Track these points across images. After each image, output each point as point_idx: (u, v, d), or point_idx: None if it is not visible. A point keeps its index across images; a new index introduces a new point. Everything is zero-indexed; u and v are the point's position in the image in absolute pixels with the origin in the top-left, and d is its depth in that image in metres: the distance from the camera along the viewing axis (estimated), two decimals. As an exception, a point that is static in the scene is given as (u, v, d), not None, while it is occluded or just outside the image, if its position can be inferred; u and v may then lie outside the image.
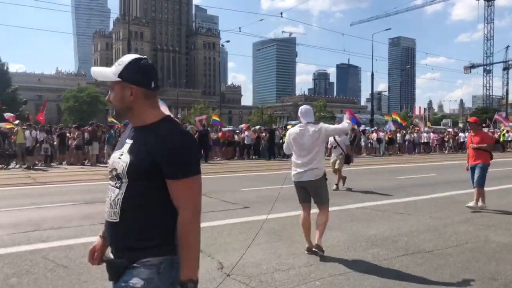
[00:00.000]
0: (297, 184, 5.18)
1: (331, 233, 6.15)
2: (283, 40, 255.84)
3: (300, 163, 5.08)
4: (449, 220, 7.18)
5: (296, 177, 5.13)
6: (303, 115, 5.28)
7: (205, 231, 6.12)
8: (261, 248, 5.35)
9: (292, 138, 5.20)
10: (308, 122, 5.22)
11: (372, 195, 9.84)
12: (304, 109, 5.38)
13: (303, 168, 5.05)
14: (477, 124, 8.57)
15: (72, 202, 8.60)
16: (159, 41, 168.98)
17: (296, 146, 5.14)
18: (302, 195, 5.23)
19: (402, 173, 14.94)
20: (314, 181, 5.08)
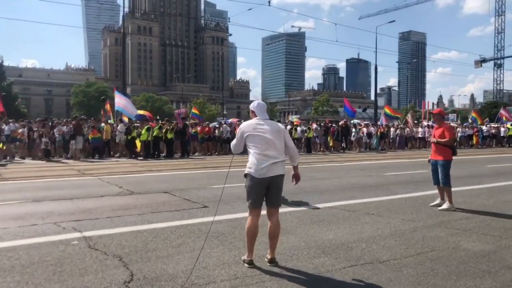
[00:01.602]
0: (260, 181, 4.34)
1: (281, 238, 5.45)
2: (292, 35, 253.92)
3: (267, 154, 4.35)
4: (421, 223, 6.47)
5: (262, 171, 4.32)
6: (261, 110, 4.64)
7: (143, 234, 5.54)
8: (190, 255, 4.71)
9: (252, 132, 4.43)
10: (266, 118, 4.59)
11: (347, 193, 9.16)
12: (262, 104, 4.76)
13: (272, 160, 4.34)
14: (440, 116, 7.85)
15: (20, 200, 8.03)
16: (167, 36, 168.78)
17: (260, 139, 4.39)
18: (260, 196, 4.43)
19: (391, 170, 14.19)
20: (282, 176, 4.45)
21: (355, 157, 19.88)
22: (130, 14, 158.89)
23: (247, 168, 4.43)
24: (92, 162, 16.18)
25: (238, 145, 4.60)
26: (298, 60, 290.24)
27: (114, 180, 10.68)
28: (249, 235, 4.41)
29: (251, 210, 4.45)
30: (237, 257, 4.70)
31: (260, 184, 4.37)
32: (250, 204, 4.44)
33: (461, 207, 7.63)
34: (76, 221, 6.26)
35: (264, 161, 4.34)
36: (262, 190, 4.40)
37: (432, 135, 7.94)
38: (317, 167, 15.22)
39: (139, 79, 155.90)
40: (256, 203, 4.43)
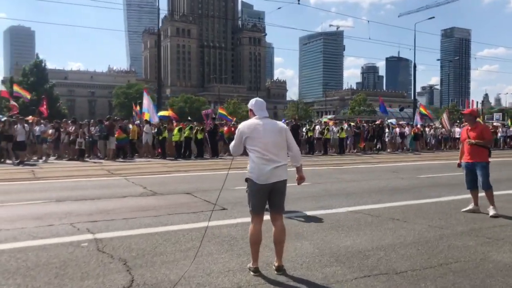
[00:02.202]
0: (262, 187, 4.10)
1: (295, 244, 5.28)
2: (330, 34, 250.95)
3: (269, 158, 4.09)
4: (449, 231, 6.05)
5: (264, 177, 4.07)
6: (260, 108, 4.33)
7: (154, 237, 5.45)
8: (196, 261, 4.56)
9: (252, 130, 4.16)
10: (266, 117, 4.32)
11: (374, 197, 8.76)
12: (260, 101, 4.41)
13: (274, 165, 4.09)
14: (473, 117, 7.32)
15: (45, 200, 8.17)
16: (205, 37, 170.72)
17: (260, 142, 4.13)
18: (262, 202, 4.20)
19: (425, 172, 13.55)
20: (285, 181, 4.22)
21: (389, 158, 19.24)
22: (169, 17, 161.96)
23: (248, 173, 4.19)
24: (123, 162, 16.45)
25: (237, 147, 4.34)
26: (336, 59, 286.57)
27: (140, 181, 10.74)
28: (253, 241, 4.19)
29: (253, 216, 4.22)
30: (244, 263, 4.50)
31: (262, 190, 4.13)
32: (252, 210, 4.22)
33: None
34: (92, 222, 6.26)
35: (266, 166, 4.09)
36: (264, 196, 4.18)
37: (463, 136, 7.44)
38: (348, 168, 14.79)
39: (178, 80, 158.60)
40: (258, 209, 4.20)
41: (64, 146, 16.72)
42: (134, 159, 17.51)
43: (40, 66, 51.76)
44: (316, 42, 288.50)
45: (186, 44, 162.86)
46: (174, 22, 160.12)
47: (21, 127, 15.03)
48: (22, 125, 15.18)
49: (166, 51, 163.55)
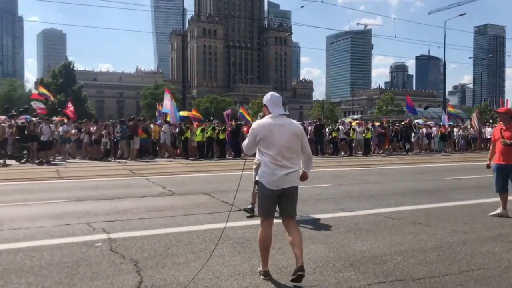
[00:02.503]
0: (272, 192, 3.91)
1: (309, 247, 5.14)
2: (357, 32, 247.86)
3: (282, 164, 3.89)
4: (473, 236, 5.79)
5: (275, 183, 3.89)
6: (274, 104, 4.04)
7: (168, 238, 5.42)
8: (207, 263, 4.49)
9: (266, 132, 3.91)
10: (282, 114, 4.03)
11: (397, 199, 8.52)
12: (276, 96, 4.11)
13: (286, 170, 3.90)
14: (508, 116, 6.95)
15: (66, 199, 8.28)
16: (231, 38, 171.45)
17: (274, 145, 3.88)
18: (272, 206, 4.04)
19: (453, 173, 13.13)
20: (296, 187, 4.04)
21: (415, 160, 18.76)
22: (196, 18, 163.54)
23: (259, 176, 4.01)
24: (146, 162, 16.61)
25: (250, 148, 4.11)
26: (364, 58, 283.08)
27: (161, 181, 10.79)
28: (262, 245, 4.05)
29: (262, 220, 4.07)
30: (255, 267, 4.41)
31: (272, 195, 3.96)
32: (262, 214, 4.07)
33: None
34: (108, 222, 6.29)
35: (278, 171, 3.88)
36: (274, 201, 4.01)
37: (496, 136, 7.06)
38: (372, 170, 14.48)
39: (204, 81, 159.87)
40: (268, 213, 4.04)
41: (85, 146, 16.97)
42: (157, 159, 17.65)
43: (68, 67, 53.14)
44: (343, 41, 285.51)
45: (212, 44, 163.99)
46: (201, 23, 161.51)
47: (46, 127, 15.38)
48: (47, 126, 15.54)
49: (192, 52, 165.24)
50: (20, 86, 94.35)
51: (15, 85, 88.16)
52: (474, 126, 23.34)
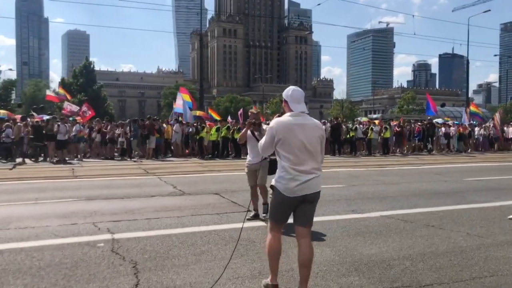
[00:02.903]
0: (290, 199, 3.48)
1: (315, 250, 4.96)
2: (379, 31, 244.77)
3: (303, 170, 3.45)
4: (489, 240, 5.53)
5: (293, 190, 3.44)
6: (296, 100, 3.57)
7: (171, 239, 5.35)
8: (207, 266, 4.39)
9: (286, 132, 3.47)
10: (303, 111, 3.58)
11: (412, 201, 8.26)
12: (298, 92, 3.63)
13: (308, 177, 3.46)
14: None
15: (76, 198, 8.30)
16: (251, 37, 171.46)
17: (295, 148, 3.46)
18: (287, 214, 3.62)
19: (473, 174, 12.73)
20: (318, 193, 3.58)
21: (435, 160, 18.27)
22: (216, 17, 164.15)
23: (275, 180, 3.57)
24: (162, 161, 16.65)
25: (268, 149, 3.64)
26: (385, 57, 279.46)
27: (172, 180, 10.76)
28: (271, 254, 3.63)
29: (272, 225, 3.65)
30: (256, 270, 4.29)
31: (289, 203, 3.53)
32: (274, 221, 3.64)
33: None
34: (114, 222, 6.26)
35: (298, 177, 3.44)
36: (290, 208, 3.58)
37: None
38: (389, 170, 14.15)
39: (224, 80, 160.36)
40: (281, 220, 3.64)
41: (95, 145, 17.05)
42: (172, 159, 17.64)
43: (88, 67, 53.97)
44: (364, 39, 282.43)
45: (233, 44, 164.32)
46: (221, 22, 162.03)
47: (63, 126, 15.57)
48: (64, 125, 15.73)
49: (212, 52, 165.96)
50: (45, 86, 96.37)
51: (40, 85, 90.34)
52: (496, 126, 22.57)
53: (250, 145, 6.54)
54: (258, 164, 6.12)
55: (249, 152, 6.67)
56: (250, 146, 6.58)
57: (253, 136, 6.28)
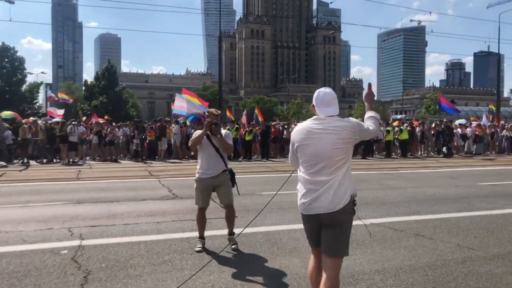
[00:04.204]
0: (306, 217, 3.08)
1: (282, 261, 4.76)
2: (410, 30, 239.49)
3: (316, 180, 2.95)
4: (480, 253, 5.09)
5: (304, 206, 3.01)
6: (323, 103, 3.05)
7: (139, 246, 5.20)
8: (159, 277, 4.19)
9: (302, 138, 3.01)
10: (330, 115, 3.01)
11: (413, 207, 7.83)
12: (324, 93, 3.09)
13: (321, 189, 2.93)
14: None
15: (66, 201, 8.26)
16: (279, 38, 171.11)
17: (310, 154, 2.97)
18: (314, 235, 3.11)
19: (490, 178, 12.02)
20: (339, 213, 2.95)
21: (454, 163, 17.44)
22: (244, 19, 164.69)
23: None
24: (173, 163, 16.59)
25: (292, 160, 3.21)
26: (417, 56, 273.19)
27: (171, 183, 10.63)
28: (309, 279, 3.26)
29: (312, 250, 3.24)
30: (209, 283, 4.05)
31: (309, 222, 3.06)
32: (312, 243, 3.20)
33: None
34: (91, 227, 6.14)
35: (309, 189, 2.96)
36: (314, 229, 3.06)
37: None
38: (401, 173, 13.60)
39: (252, 81, 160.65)
40: (311, 244, 3.19)
41: (93, 147, 17.06)
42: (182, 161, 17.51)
43: (111, 70, 54.90)
44: (395, 38, 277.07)
45: (260, 45, 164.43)
46: (249, 23, 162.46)
47: (75, 128, 15.76)
48: (75, 127, 15.91)
49: (240, 53, 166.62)
50: (77, 89, 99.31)
51: (72, 88, 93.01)
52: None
53: (204, 153, 5.13)
54: (216, 179, 5.09)
55: (200, 161, 5.18)
56: (203, 154, 5.15)
57: (208, 142, 5.06)
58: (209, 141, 5.08)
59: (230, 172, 5.28)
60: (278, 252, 5.10)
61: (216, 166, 5.11)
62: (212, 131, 5.01)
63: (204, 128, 5.06)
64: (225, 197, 5.22)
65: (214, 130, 5.00)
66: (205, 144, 5.09)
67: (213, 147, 5.07)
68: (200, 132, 5.11)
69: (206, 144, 5.09)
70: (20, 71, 52.25)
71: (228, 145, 5.15)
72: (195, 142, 5.08)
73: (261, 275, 4.30)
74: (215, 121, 5.03)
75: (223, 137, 5.06)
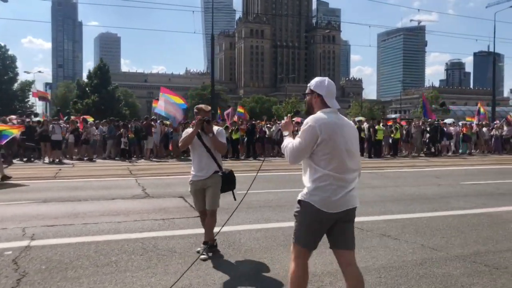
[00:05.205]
0: (329, 216, 2.87)
1: (225, 265, 4.52)
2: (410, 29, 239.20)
3: (346, 178, 2.88)
4: (442, 253, 4.91)
5: (335, 204, 2.84)
6: (332, 95, 2.98)
7: (89, 247, 5.02)
8: (96, 280, 3.99)
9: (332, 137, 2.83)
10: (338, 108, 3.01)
11: (387, 206, 7.67)
12: (333, 85, 3.02)
13: (351, 186, 2.91)
14: None
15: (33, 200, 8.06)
16: (278, 37, 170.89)
17: (339, 151, 2.85)
18: (321, 236, 3.02)
19: (474, 177, 11.89)
20: (355, 209, 3.01)
21: (444, 162, 17.21)
22: (243, 18, 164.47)
23: (308, 194, 2.89)
24: (158, 162, 16.39)
25: (303, 152, 2.89)
26: (417, 56, 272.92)
27: (147, 182, 10.44)
28: (300, 284, 2.99)
29: (300, 252, 2.99)
30: (163, 280, 3.89)
31: (327, 221, 2.89)
32: (303, 246, 2.98)
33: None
34: (48, 227, 5.96)
35: (341, 187, 2.84)
36: (326, 229, 2.96)
37: None
38: (385, 172, 13.40)
39: (251, 81, 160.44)
40: (313, 245, 3.00)
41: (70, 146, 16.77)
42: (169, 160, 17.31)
43: (103, 69, 54.51)
44: (395, 38, 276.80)
45: (260, 44, 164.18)
46: (248, 23, 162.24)
47: (57, 127, 15.58)
48: (58, 126, 15.72)
49: (240, 52, 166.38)
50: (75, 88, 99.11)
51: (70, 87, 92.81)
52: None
53: (195, 153, 4.77)
54: (206, 181, 4.69)
55: (193, 163, 4.86)
56: (194, 155, 4.80)
57: (199, 141, 4.68)
58: (200, 140, 4.66)
59: (227, 175, 4.80)
60: (233, 253, 4.91)
61: (207, 168, 4.68)
62: (203, 129, 4.60)
63: (194, 126, 4.66)
64: (209, 201, 4.69)
65: (206, 128, 4.57)
66: (196, 143, 4.68)
67: (204, 147, 4.66)
68: (191, 130, 4.72)
69: (197, 143, 4.68)
70: (12, 70, 51.95)
71: (220, 144, 4.67)
72: (185, 142, 4.69)
73: (207, 277, 4.11)
74: (206, 118, 4.60)
75: (215, 136, 4.61)
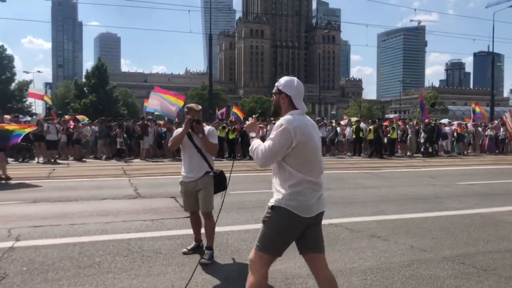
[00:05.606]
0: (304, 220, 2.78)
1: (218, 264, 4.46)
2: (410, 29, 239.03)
3: (319, 181, 2.84)
4: (431, 255, 4.85)
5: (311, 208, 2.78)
6: (301, 96, 2.89)
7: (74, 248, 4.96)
8: (77, 282, 3.93)
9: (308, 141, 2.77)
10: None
11: (380, 207, 7.61)
12: (302, 86, 2.93)
13: (323, 190, 2.89)
14: None
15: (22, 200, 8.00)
16: (278, 37, 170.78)
17: (313, 155, 2.82)
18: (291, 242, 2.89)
19: (470, 178, 11.80)
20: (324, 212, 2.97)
21: (441, 162, 17.15)
22: (243, 18, 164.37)
23: (283, 199, 2.75)
24: (154, 162, 16.34)
25: (278, 155, 2.76)
26: (417, 56, 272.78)
27: (141, 182, 10.37)
28: None
29: (267, 261, 2.83)
30: (145, 282, 3.83)
31: (302, 225, 2.79)
32: (271, 253, 2.82)
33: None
34: (34, 227, 5.89)
35: (316, 191, 2.80)
36: (299, 233, 2.84)
37: None
38: (381, 172, 13.32)
39: (251, 81, 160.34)
40: (281, 251, 2.86)
41: (61, 146, 16.68)
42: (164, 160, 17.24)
43: (101, 68, 54.35)
44: (395, 38, 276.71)
45: (259, 44, 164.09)
46: (248, 23, 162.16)
47: (52, 127, 15.50)
48: (53, 126, 15.65)
49: (239, 53, 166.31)
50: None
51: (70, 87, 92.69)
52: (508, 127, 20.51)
53: (186, 154, 4.64)
54: (197, 182, 4.56)
55: (183, 163, 4.72)
56: (184, 155, 4.67)
57: (190, 141, 4.55)
58: (190, 140, 4.54)
59: (217, 175, 4.68)
60: (219, 254, 4.84)
61: (198, 168, 4.55)
62: (193, 129, 4.48)
63: (184, 126, 4.50)
64: (202, 203, 4.56)
65: (196, 128, 4.45)
66: (186, 144, 4.57)
67: (195, 147, 4.54)
68: (181, 130, 4.57)
69: (188, 144, 4.56)
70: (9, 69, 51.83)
71: (211, 144, 4.54)
72: (175, 142, 4.58)
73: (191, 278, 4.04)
74: (196, 117, 4.47)
75: (205, 136, 4.49)
